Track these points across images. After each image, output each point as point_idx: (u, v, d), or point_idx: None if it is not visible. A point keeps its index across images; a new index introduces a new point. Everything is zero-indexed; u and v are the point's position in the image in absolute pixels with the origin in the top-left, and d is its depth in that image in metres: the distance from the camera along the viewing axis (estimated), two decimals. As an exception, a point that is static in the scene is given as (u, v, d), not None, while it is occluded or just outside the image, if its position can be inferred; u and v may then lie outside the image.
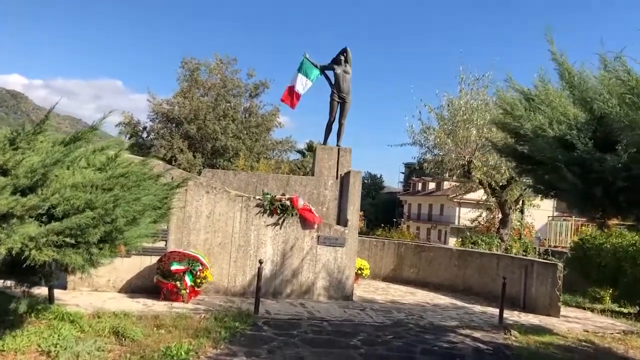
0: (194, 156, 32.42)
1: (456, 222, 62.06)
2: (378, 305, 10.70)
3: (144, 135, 35.35)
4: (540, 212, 28.27)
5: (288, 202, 10.50)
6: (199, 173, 20.02)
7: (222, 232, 10.23)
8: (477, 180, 18.57)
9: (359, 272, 13.24)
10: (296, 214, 10.54)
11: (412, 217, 72.36)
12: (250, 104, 35.63)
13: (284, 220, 10.52)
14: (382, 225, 34.95)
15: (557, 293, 11.08)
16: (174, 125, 33.43)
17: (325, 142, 13.80)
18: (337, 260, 10.80)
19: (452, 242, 59.92)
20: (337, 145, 13.47)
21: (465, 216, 53.98)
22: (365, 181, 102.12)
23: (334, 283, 10.76)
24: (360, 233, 24.75)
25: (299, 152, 48.91)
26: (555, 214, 50.75)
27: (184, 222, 10.04)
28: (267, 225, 10.47)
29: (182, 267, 9.12)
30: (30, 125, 6.07)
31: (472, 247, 20.16)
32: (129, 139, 35.34)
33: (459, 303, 12.01)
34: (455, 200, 59.30)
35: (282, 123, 36.86)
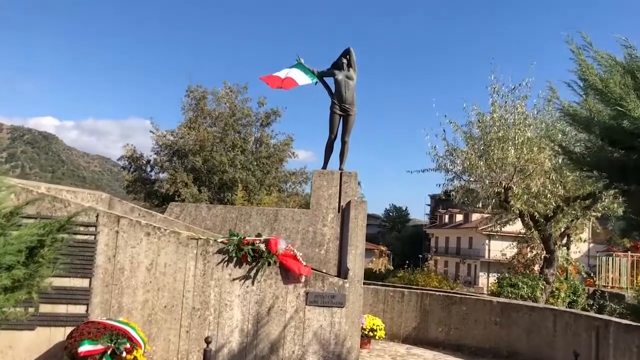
0: (200, 190, 29.85)
1: (486, 256, 58.47)
2: (393, 392, 7.59)
3: (148, 169, 33.01)
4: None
5: (263, 246, 7.55)
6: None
7: (169, 290, 7.30)
8: (517, 212, 15.35)
9: (371, 334, 10.15)
10: (275, 262, 7.59)
11: (440, 251, 68.60)
12: (261, 133, 33.18)
13: (257, 271, 7.56)
14: (407, 262, 31.49)
15: (649, 370, 7.82)
16: (177, 157, 31.05)
17: (325, 166, 10.90)
18: (334, 326, 7.75)
19: (483, 278, 56.20)
20: (340, 169, 10.55)
21: (497, 249, 50.33)
22: (390, 214, 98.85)
23: (331, 359, 7.69)
24: (376, 278, 21.61)
25: (316, 184, 46.03)
26: (591, 245, 46.72)
27: (114, 278, 7.14)
28: (234, 280, 7.51)
29: (97, 348, 6.18)
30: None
31: (511, 290, 16.89)
32: (132, 173, 33.09)
33: (506, 380, 8.80)
34: (484, 232, 55.78)
35: (296, 153, 34.20)
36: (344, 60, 10.97)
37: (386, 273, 24.40)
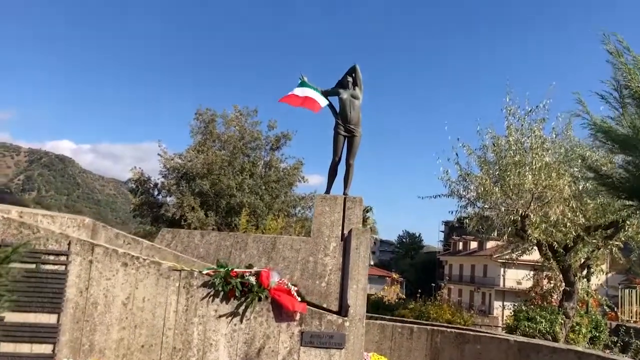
0: (207, 215, 29.26)
1: (501, 285, 56.97)
2: None
3: (155, 192, 32.47)
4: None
5: (253, 279, 6.79)
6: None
7: (148, 328, 6.55)
8: (535, 241, 14.42)
9: (376, 374, 9.28)
10: (266, 297, 6.82)
11: (454, 279, 67.17)
12: (270, 157, 32.63)
13: (246, 307, 6.79)
14: (419, 292, 30.43)
15: None
16: (184, 181, 30.51)
17: (328, 191, 10.19)
18: (331, 370, 6.93)
19: (498, 308, 54.63)
20: (344, 194, 9.83)
21: (512, 277, 48.99)
22: (404, 240, 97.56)
23: (327, 407, 6.85)
24: (386, 309, 20.61)
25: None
26: (610, 274, 45.09)
27: (86, 313, 6.42)
28: (220, 317, 6.74)
29: (58, 395, 5.46)
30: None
31: (528, 325, 15.89)
32: (140, 196, 32.57)
33: None
34: (499, 260, 54.34)
35: (306, 178, 33.49)
36: (349, 79, 10.36)
37: (397, 304, 23.39)
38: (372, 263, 79.19)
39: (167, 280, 6.65)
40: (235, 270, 6.87)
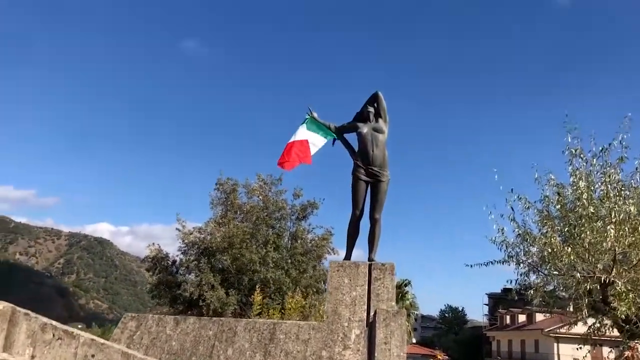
0: (227, 293, 26.56)
1: (556, 361, 51.76)
2: None
3: (173, 270, 30.08)
4: None
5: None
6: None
7: None
8: (623, 316, 11.14)
9: None
10: None
11: (503, 356, 61.78)
12: (296, 228, 30.17)
13: None
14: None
15: None
16: (204, 257, 28.14)
17: (348, 257, 7.55)
18: None
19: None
20: (369, 259, 7.18)
21: (567, 353, 44.09)
22: (446, 315, 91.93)
23: None
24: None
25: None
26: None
27: None
28: None
29: None
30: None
31: None
32: (157, 275, 30.17)
33: None
34: (552, 335, 49.58)
35: (336, 249, 30.67)
36: (371, 109, 7.92)
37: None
38: (414, 341, 73.84)
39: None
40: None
